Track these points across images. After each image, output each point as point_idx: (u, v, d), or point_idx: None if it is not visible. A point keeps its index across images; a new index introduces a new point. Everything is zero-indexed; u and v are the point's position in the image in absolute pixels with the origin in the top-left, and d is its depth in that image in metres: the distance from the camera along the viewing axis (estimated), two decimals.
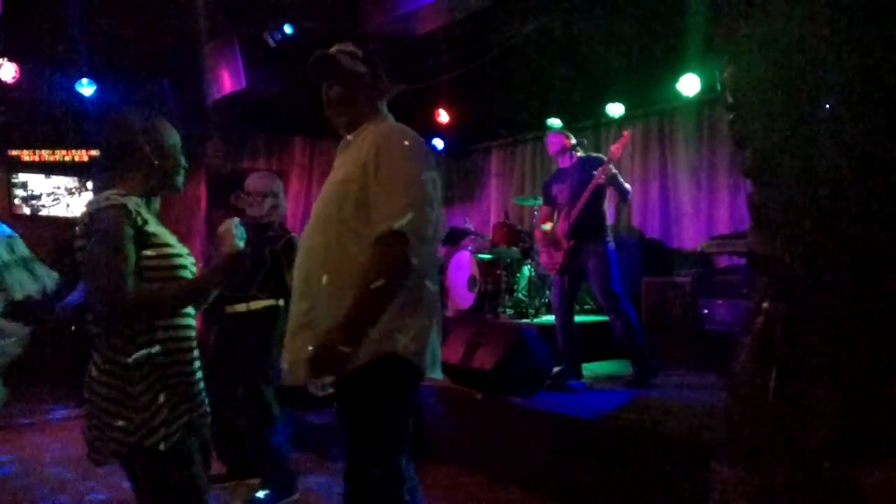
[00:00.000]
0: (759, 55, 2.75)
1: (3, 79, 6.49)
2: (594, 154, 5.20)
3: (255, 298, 3.82)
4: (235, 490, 3.93)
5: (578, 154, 5.08)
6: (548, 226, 5.12)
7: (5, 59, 6.47)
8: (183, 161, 2.20)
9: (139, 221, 1.97)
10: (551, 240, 5.04)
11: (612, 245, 4.89)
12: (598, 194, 4.81)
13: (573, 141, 5.12)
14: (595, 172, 4.71)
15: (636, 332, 4.75)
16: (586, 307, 6.90)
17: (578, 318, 5.47)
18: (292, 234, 3.95)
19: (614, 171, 4.74)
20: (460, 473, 4.28)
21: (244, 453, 4.02)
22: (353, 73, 2.28)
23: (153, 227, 2.03)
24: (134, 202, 1.99)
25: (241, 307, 3.82)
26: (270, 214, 3.96)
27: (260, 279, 3.81)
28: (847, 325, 2.50)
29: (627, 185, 4.93)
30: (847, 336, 2.50)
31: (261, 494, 3.74)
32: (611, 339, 4.94)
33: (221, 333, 3.97)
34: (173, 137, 2.17)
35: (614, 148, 4.80)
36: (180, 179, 2.19)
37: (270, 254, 3.82)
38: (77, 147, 7.78)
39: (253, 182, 4.00)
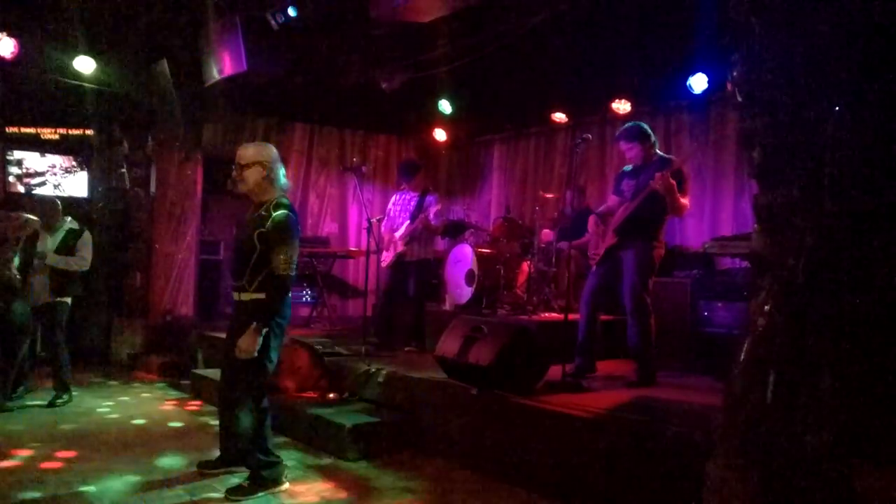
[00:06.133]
0: (768, 55, 2.69)
1: (2, 54, 6.39)
2: (669, 156, 4.91)
3: (244, 290, 3.65)
4: (223, 478, 3.86)
5: (657, 153, 4.86)
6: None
7: (5, 34, 6.38)
8: None
9: None
10: (602, 231, 4.95)
11: (658, 252, 4.74)
12: (654, 199, 4.61)
13: (644, 136, 4.82)
14: (656, 175, 4.51)
15: (651, 343, 4.67)
16: None
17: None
18: (284, 210, 3.60)
19: (673, 182, 4.48)
20: (454, 468, 4.22)
21: (236, 441, 3.94)
22: None
23: None
24: None
25: (237, 297, 3.74)
26: (264, 189, 3.65)
27: (250, 269, 3.60)
28: (848, 327, 2.45)
29: (684, 201, 4.64)
30: (848, 338, 2.45)
31: (246, 483, 3.67)
32: (611, 338, 4.87)
33: (232, 320, 3.87)
34: None
35: (679, 160, 4.62)
36: None
37: (257, 237, 3.56)
38: (74, 125, 7.69)
39: (238, 152, 3.66)
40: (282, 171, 3.77)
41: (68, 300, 5.68)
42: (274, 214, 3.57)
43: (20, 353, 5.40)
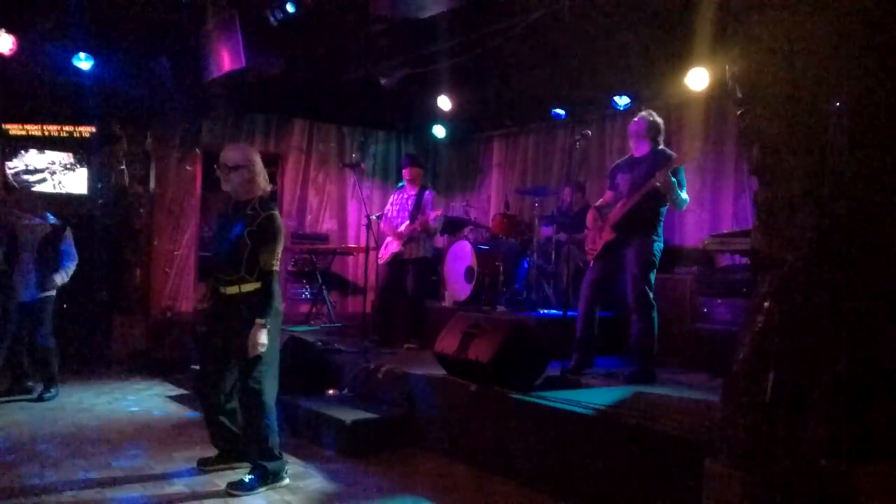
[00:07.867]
0: (768, 51, 2.68)
1: (2, 51, 6.37)
2: (668, 150, 4.87)
3: (245, 281, 3.72)
4: (224, 474, 3.87)
5: (658, 147, 4.82)
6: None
7: (4, 30, 6.36)
8: None
9: None
10: (600, 226, 4.95)
11: (659, 245, 4.74)
12: (655, 195, 4.62)
13: (654, 131, 4.81)
14: (657, 174, 4.50)
15: (653, 339, 4.67)
16: None
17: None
18: (271, 211, 3.80)
19: (673, 179, 4.50)
20: (452, 464, 4.22)
21: (235, 438, 3.95)
22: None
23: None
24: None
25: (234, 290, 3.74)
26: (247, 190, 3.84)
27: (245, 261, 3.70)
28: (848, 324, 2.45)
29: (685, 196, 4.66)
30: (847, 336, 2.44)
31: (247, 478, 3.67)
32: (610, 334, 4.86)
33: (212, 314, 3.90)
34: None
35: (680, 159, 4.61)
36: None
37: (248, 235, 3.71)
38: (73, 122, 7.67)
39: (223, 154, 3.88)
40: (264, 174, 3.99)
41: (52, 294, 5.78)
42: (264, 215, 3.76)
43: None
